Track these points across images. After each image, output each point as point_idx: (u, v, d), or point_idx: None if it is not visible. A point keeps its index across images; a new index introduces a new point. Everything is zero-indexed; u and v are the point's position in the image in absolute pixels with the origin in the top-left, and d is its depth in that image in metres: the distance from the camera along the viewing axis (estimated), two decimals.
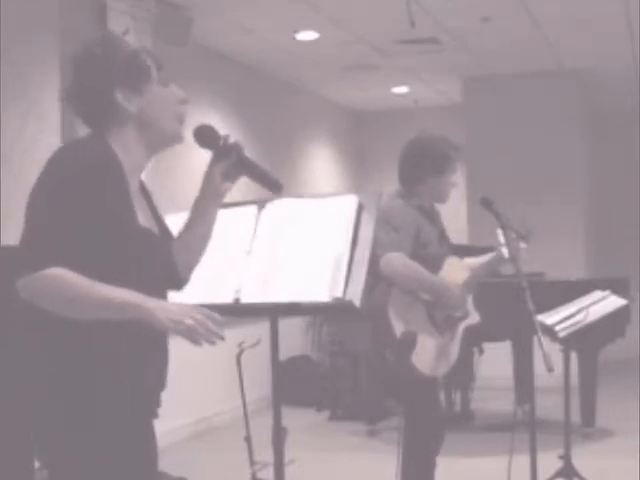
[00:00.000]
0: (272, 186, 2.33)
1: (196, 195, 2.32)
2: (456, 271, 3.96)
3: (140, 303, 1.97)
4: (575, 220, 9.15)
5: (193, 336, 1.96)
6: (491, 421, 7.23)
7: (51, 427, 2.01)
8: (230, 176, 2.29)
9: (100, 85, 2.11)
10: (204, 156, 2.31)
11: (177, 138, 2.22)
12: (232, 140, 2.30)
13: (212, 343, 1.98)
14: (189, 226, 2.31)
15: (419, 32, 7.01)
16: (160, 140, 2.20)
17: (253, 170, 2.31)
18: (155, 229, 2.21)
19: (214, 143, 2.29)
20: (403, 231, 3.79)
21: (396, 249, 3.73)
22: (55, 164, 2.05)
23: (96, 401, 2.01)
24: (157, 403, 2.21)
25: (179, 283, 2.34)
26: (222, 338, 1.98)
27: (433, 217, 4.01)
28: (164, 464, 4.92)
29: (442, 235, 4.06)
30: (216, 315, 1.99)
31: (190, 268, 2.34)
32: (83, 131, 2.20)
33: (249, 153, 2.34)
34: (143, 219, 2.13)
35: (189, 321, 1.95)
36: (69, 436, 2.01)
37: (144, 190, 2.28)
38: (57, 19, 5.48)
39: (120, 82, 2.11)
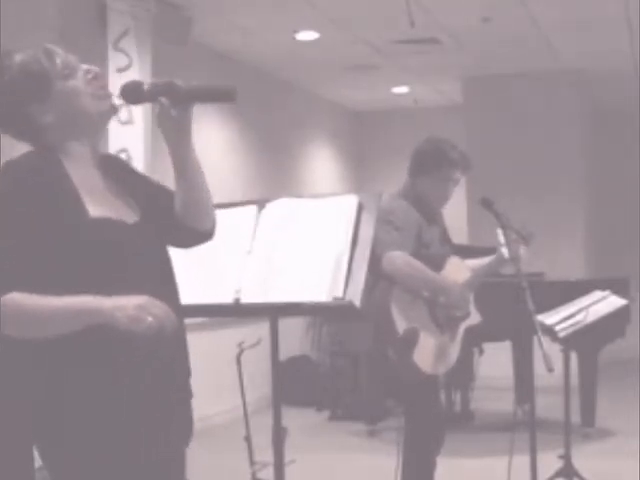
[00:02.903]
0: (226, 98, 2.14)
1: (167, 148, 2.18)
2: (457, 271, 3.96)
3: (97, 307, 1.91)
4: (575, 220, 9.15)
5: (150, 332, 1.91)
6: (491, 421, 7.23)
7: (52, 427, 2.00)
8: (182, 113, 2.11)
9: (10, 110, 2.06)
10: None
11: (107, 114, 2.14)
12: (159, 81, 2.12)
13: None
14: (179, 177, 2.19)
15: (419, 32, 7.01)
16: (90, 126, 2.12)
17: (196, 96, 2.13)
18: (125, 212, 2.11)
19: (140, 95, 2.12)
20: (405, 231, 3.80)
21: (398, 248, 3.74)
22: None
23: (97, 399, 1.98)
24: (176, 395, 2.15)
25: (201, 236, 2.26)
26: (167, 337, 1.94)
27: (435, 217, 4.02)
28: None
29: (444, 235, 4.06)
30: (170, 312, 1.95)
31: (207, 211, 2.24)
32: None
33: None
34: (101, 208, 2.04)
35: (149, 318, 1.89)
36: (70, 436, 1.99)
37: (116, 169, 2.20)
38: (57, 19, 5.48)
39: (25, 100, 2.04)
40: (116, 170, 2.21)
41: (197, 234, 2.25)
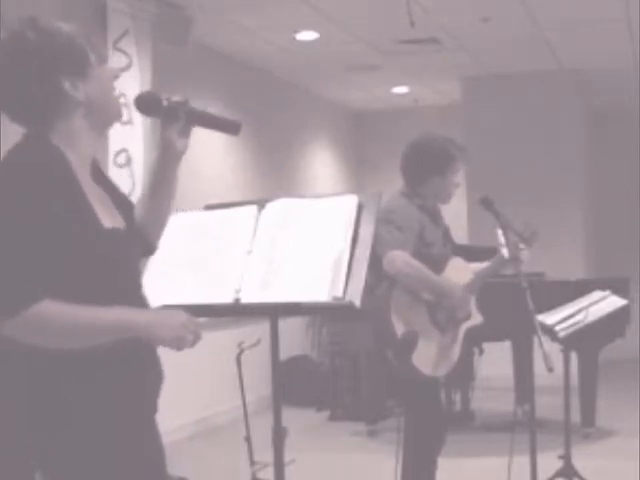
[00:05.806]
0: (230, 130, 2.30)
1: (154, 161, 2.24)
2: (459, 272, 3.96)
3: (135, 321, 1.93)
4: (575, 220, 9.15)
5: (184, 347, 1.98)
6: (491, 421, 7.22)
7: (50, 431, 1.97)
8: (185, 133, 2.22)
9: (44, 75, 1.96)
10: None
11: (119, 116, 2.16)
12: (175, 98, 2.20)
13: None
14: (153, 193, 2.24)
15: (419, 32, 7.01)
16: (106, 121, 2.13)
17: (206, 122, 2.27)
18: (117, 219, 2.09)
19: (157, 108, 2.20)
20: (406, 230, 3.79)
21: (399, 247, 3.73)
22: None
23: (96, 404, 1.96)
24: (157, 395, 2.17)
25: (149, 250, 2.31)
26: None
27: (436, 217, 4.01)
28: None
29: (446, 235, 4.06)
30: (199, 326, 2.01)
31: (159, 234, 2.30)
32: None
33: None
34: (105, 216, 2.01)
35: (190, 336, 1.96)
36: (69, 440, 1.97)
37: (97, 173, 2.16)
38: (57, 19, 5.47)
39: (65, 69, 1.99)
40: (98, 173, 2.18)
41: (147, 247, 2.29)
